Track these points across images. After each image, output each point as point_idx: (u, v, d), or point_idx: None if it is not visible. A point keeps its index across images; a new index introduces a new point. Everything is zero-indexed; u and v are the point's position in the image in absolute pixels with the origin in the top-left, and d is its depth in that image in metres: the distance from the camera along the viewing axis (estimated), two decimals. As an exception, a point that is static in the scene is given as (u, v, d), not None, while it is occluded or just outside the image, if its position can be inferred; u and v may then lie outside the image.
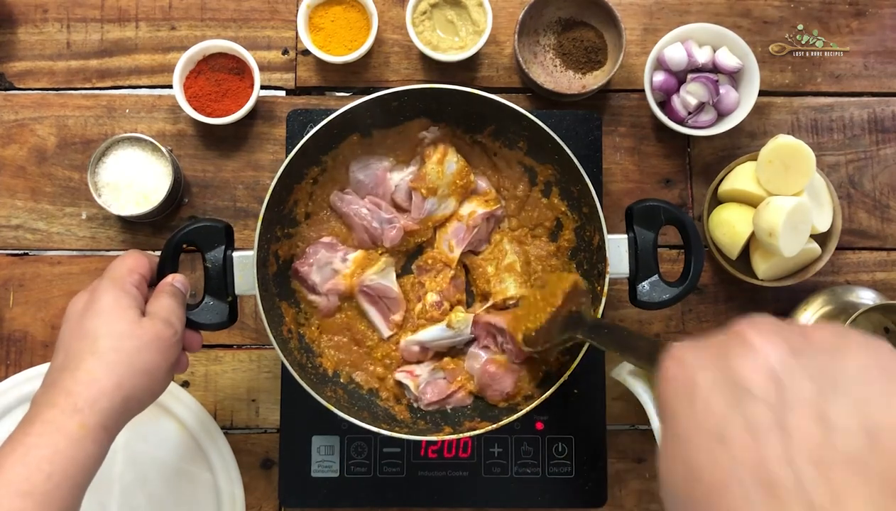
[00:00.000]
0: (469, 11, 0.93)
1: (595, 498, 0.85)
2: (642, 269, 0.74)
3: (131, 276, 0.68)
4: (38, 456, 0.57)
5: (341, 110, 0.75)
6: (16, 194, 0.94)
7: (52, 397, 0.60)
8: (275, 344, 0.73)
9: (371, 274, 0.81)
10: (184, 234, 0.73)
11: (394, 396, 0.82)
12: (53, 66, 0.96)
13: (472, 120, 0.82)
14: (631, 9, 0.98)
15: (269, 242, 0.78)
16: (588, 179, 0.75)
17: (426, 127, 0.83)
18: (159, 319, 0.66)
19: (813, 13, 0.98)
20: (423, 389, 0.79)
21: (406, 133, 0.83)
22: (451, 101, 0.79)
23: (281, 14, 0.97)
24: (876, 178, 0.96)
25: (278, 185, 0.75)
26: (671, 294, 0.74)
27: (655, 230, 0.75)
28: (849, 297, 0.90)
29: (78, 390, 0.60)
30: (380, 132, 0.82)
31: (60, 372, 0.62)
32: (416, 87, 0.77)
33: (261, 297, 0.73)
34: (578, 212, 0.81)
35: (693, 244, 0.74)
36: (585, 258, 0.80)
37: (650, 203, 0.75)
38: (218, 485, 0.88)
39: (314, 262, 0.81)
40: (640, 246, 0.74)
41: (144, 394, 0.64)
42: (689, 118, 0.92)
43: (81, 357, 0.62)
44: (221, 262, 0.73)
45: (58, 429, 0.58)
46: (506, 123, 0.80)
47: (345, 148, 0.82)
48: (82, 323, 0.64)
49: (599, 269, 0.75)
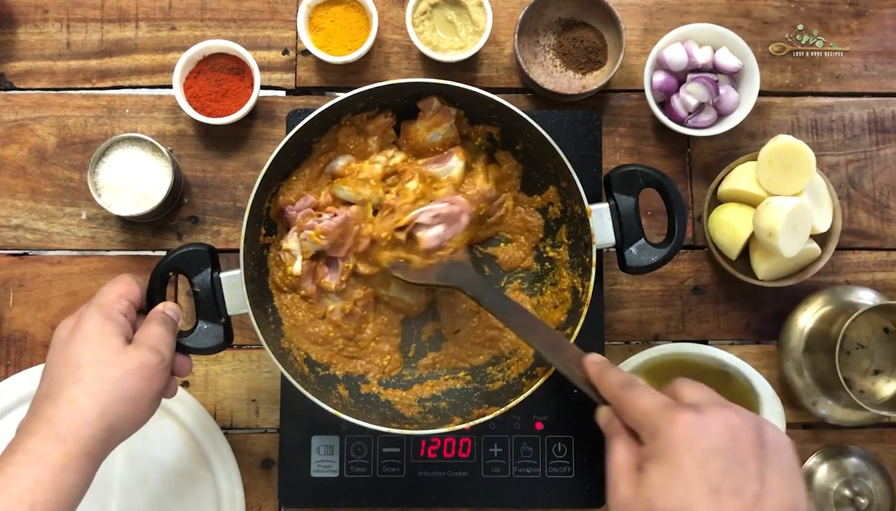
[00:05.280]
0: (469, 11, 0.93)
1: (595, 498, 0.85)
2: (627, 235, 0.74)
3: (119, 303, 0.67)
4: (19, 487, 0.56)
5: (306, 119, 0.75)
6: (16, 194, 0.94)
7: (34, 426, 0.60)
8: (274, 359, 0.72)
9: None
10: (168, 262, 0.72)
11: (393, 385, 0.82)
12: (53, 66, 0.96)
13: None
14: (631, 9, 0.98)
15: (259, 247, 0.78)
16: (560, 151, 0.74)
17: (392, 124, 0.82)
18: (146, 347, 0.65)
19: (813, 13, 0.98)
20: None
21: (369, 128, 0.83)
22: (418, 93, 0.79)
23: (281, 14, 0.97)
24: (876, 179, 0.96)
25: (256, 201, 0.74)
26: (659, 255, 0.74)
27: (635, 195, 0.75)
28: (849, 297, 0.90)
29: (60, 419, 0.59)
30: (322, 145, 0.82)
31: (44, 400, 0.62)
32: (375, 85, 0.75)
33: (254, 314, 0.72)
34: (557, 187, 0.80)
35: (675, 203, 0.74)
36: (571, 232, 0.80)
37: (627, 168, 0.75)
38: (218, 485, 0.88)
39: (301, 206, 0.80)
40: (623, 212, 0.74)
41: (129, 422, 0.63)
42: (689, 118, 0.92)
43: (64, 385, 0.61)
44: (210, 285, 0.73)
45: (39, 458, 0.58)
46: (476, 112, 0.80)
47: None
48: (66, 350, 0.63)
49: (585, 240, 0.75)
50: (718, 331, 0.94)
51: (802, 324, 0.90)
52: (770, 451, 0.50)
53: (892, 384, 0.90)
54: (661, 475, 0.49)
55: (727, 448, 0.49)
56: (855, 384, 0.91)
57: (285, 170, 0.79)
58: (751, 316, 0.94)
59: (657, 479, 0.49)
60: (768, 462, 0.49)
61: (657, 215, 0.94)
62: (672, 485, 0.48)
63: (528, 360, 0.81)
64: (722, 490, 0.47)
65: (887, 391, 0.90)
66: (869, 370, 0.91)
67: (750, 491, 0.48)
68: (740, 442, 0.49)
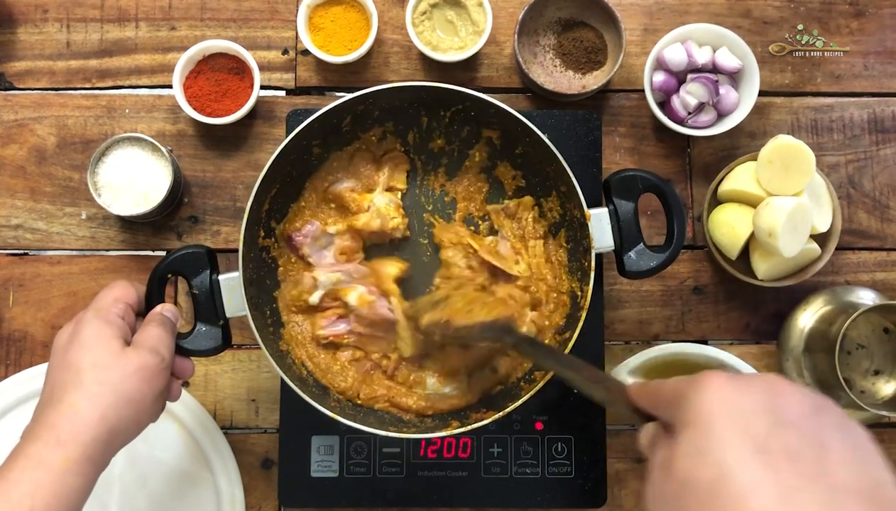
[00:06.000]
0: (469, 11, 0.93)
1: (595, 498, 0.85)
2: (626, 240, 0.75)
3: (116, 306, 0.67)
4: (20, 492, 0.57)
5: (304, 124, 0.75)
6: (16, 194, 0.94)
7: (36, 432, 0.60)
8: (272, 362, 0.72)
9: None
10: (166, 264, 0.73)
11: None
12: (53, 66, 0.96)
13: (444, 118, 0.82)
14: (631, 9, 0.98)
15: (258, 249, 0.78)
16: (560, 156, 0.74)
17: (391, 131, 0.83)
18: (145, 349, 0.65)
19: (813, 13, 0.98)
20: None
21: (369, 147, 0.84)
22: (421, 96, 0.79)
23: (281, 14, 0.97)
24: (876, 178, 0.96)
25: (255, 202, 0.74)
26: (658, 261, 0.74)
27: (635, 199, 0.75)
28: (849, 297, 0.90)
29: (61, 424, 0.60)
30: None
31: (45, 406, 0.62)
32: (375, 89, 0.75)
33: (252, 316, 0.73)
34: (556, 191, 0.80)
35: (673, 208, 0.75)
36: (570, 236, 0.80)
37: (627, 173, 0.75)
38: (218, 485, 0.88)
39: (308, 232, 0.81)
40: (622, 217, 0.74)
41: (130, 424, 0.64)
42: (689, 118, 0.92)
43: (65, 390, 0.62)
44: (208, 287, 0.73)
45: (40, 463, 0.58)
46: (478, 115, 0.80)
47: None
48: (66, 356, 0.64)
49: (584, 245, 0.75)
50: (718, 331, 0.94)
51: (802, 324, 0.90)
52: (830, 419, 0.40)
53: (892, 384, 0.90)
54: (692, 442, 0.41)
55: (771, 408, 0.40)
56: (855, 384, 0.91)
57: (285, 173, 0.79)
58: (751, 316, 0.94)
59: (688, 448, 0.41)
60: (829, 429, 0.39)
61: (657, 215, 0.94)
62: (707, 448, 0.40)
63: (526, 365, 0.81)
64: (771, 450, 0.38)
65: (887, 391, 0.90)
66: (869, 370, 0.91)
67: (810, 455, 0.38)
68: (789, 405, 0.40)
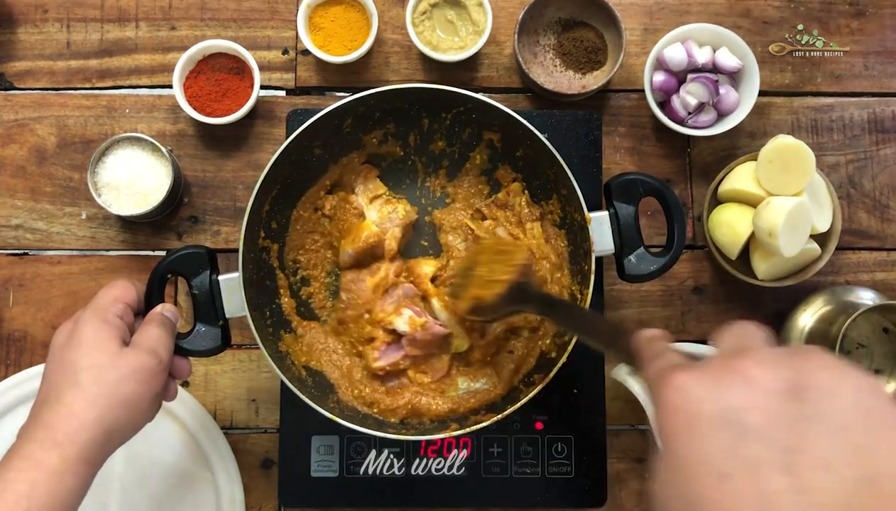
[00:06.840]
0: (469, 11, 0.93)
1: (595, 498, 0.85)
2: (627, 244, 0.75)
3: (115, 306, 0.67)
4: (16, 492, 0.57)
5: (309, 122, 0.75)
6: (16, 194, 0.94)
7: (33, 432, 0.60)
8: (272, 362, 0.73)
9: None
10: (166, 265, 0.73)
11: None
12: (53, 66, 0.96)
13: (446, 119, 0.83)
14: (631, 9, 0.98)
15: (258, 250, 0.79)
16: (561, 159, 0.74)
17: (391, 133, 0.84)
18: (143, 350, 0.65)
19: (813, 13, 0.98)
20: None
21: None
22: (422, 98, 0.79)
23: (281, 14, 0.97)
24: (876, 178, 0.96)
25: (255, 204, 0.75)
26: (658, 264, 0.75)
27: (635, 203, 0.75)
28: (849, 297, 0.90)
29: (57, 424, 0.60)
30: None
31: (42, 406, 0.62)
32: (375, 91, 0.76)
33: (252, 317, 0.73)
34: (557, 194, 0.81)
35: (674, 212, 0.75)
36: (570, 239, 0.80)
37: (628, 177, 0.75)
38: (218, 485, 0.88)
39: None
40: (622, 220, 0.75)
41: (127, 425, 0.64)
42: (689, 118, 0.92)
43: (62, 390, 0.62)
44: (208, 288, 0.73)
45: (36, 463, 0.58)
46: (479, 118, 0.80)
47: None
48: (64, 355, 0.64)
49: (585, 248, 0.75)
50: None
51: (802, 324, 0.90)
52: (813, 399, 0.35)
53: (892, 384, 0.90)
54: (663, 467, 0.38)
55: (735, 409, 0.36)
56: (855, 384, 0.90)
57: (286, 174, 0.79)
58: (751, 316, 0.94)
59: (662, 474, 0.38)
60: (811, 418, 0.34)
61: (657, 215, 0.94)
62: (674, 478, 0.37)
63: (525, 367, 0.81)
64: (734, 475, 0.34)
65: (887, 391, 0.90)
66: (869, 370, 0.91)
67: (776, 465, 0.33)
68: (758, 398, 0.36)
